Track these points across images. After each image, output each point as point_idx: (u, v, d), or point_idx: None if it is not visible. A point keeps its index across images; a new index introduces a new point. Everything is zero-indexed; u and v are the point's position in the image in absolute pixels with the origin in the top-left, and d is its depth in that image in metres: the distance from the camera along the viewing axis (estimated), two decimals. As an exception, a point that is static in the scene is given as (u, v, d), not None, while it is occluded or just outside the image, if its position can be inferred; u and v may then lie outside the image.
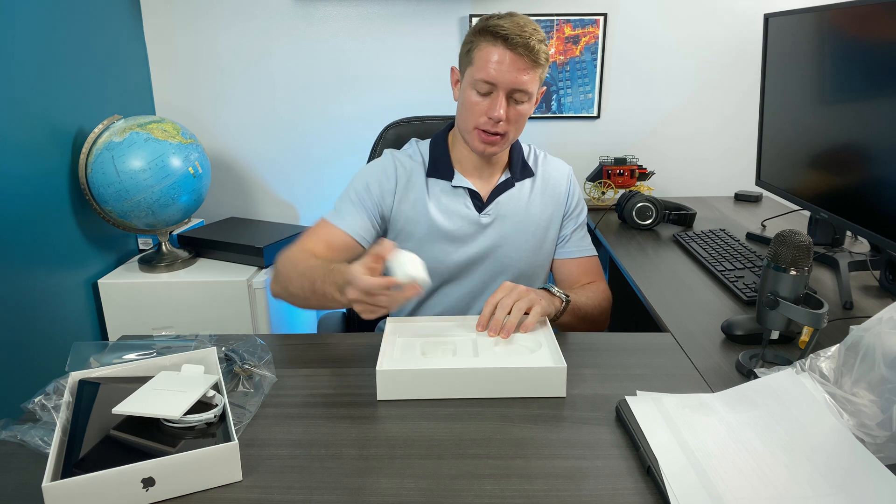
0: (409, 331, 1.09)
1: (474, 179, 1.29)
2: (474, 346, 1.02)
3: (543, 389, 0.93)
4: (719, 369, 1.01)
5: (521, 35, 1.10)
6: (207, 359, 0.94)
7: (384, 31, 2.15)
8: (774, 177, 1.64)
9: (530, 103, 1.18)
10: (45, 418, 0.84)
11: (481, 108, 1.16)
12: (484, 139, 1.19)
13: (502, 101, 1.14)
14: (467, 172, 1.29)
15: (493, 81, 1.13)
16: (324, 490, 0.74)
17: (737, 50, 2.17)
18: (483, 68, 1.13)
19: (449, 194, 1.28)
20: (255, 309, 1.87)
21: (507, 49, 1.11)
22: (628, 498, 0.72)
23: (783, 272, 0.91)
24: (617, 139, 2.27)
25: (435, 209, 1.28)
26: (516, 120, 1.18)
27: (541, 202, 1.32)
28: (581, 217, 1.36)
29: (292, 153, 2.28)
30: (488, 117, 1.15)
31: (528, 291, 1.08)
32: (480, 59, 1.14)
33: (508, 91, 1.14)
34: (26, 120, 1.59)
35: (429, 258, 1.27)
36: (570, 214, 1.35)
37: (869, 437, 0.75)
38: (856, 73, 1.27)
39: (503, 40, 1.11)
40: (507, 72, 1.12)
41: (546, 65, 1.17)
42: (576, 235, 1.35)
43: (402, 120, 1.61)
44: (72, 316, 1.76)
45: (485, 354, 0.99)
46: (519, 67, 1.12)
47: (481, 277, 1.31)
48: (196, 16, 2.13)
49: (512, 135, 1.20)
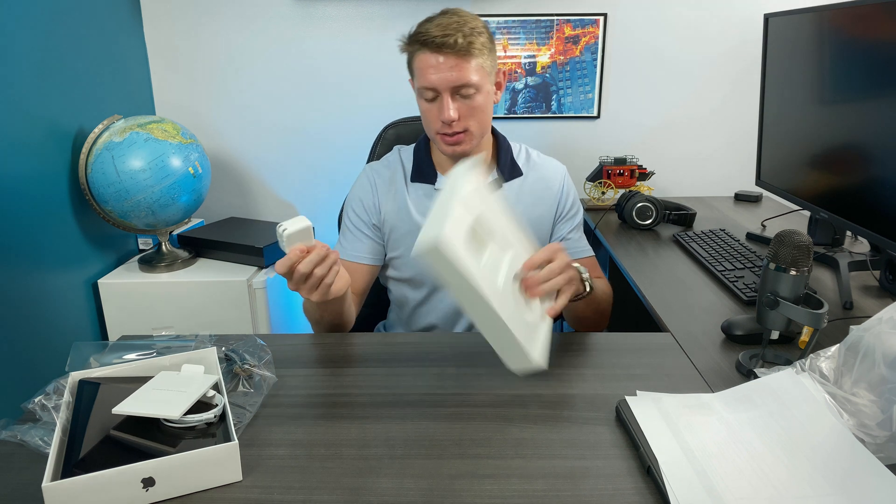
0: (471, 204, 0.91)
1: None
2: (509, 266, 0.92)
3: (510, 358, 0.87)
4: (719, 369, 1.01)
5: (444, 34, 1.10)
6: (207, 359, 0.94)
7: (384, 31, 2.15)
8: (774, 177, 1.64)
9: (482, 93, 1.16)
10: (45, 418, 0.84)
11: (434, 114, 1.17)
12: (448, 141, 1.19)
13: (448, 103, 1.14)
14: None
15: (432, 87, 1.14)
16: (324, 490, 0.74)
17: (737, 50, 2.17)
18: (421, 76, 1.15)
19: (432, 197, 1.27)
20: (255, 309, 1.87)
21: (434, 53, 1.12)
22: (628, 498, 0.72)
23: (783, 272, 0.91)
24: (617, 139, 2.27)
25: (417, 213, 1.27)
26: (471, 114, 1.17)
27: (530, 202, 1.30)
28: (577, 218, 1.35)
29: (292, 153, 2.28)
30: (441, 121, 1.16)
31: (570, 268, 1.02)
32: (418, 68, 1.16)
33: (451, 90, 1.14)
34: (26, 120, 1.59)
35: (417, 262, 1.28)
36: (566, 215, 1.33)
37: (869, 437, 0.75)
38: (856, 73, 1.27)
39: (428, 46, 1.12)
40: (441, 74, 1.12)
41: (483, 51, 1.15)
42: (573, 236, 1.34)
43: (402, 120, 1.61)
44: (72, 316, 1.76)
45: (506, 288, 0.89)
46: (451, 66, 1.12)
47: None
48: (196, 16, 2.13)
49: (475, 129, 1.19)
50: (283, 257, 0.95)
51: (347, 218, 1.32)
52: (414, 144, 1.34)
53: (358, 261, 1.29)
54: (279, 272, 0.95)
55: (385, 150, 1.55)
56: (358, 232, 1.30)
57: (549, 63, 2.18)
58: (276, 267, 0.95)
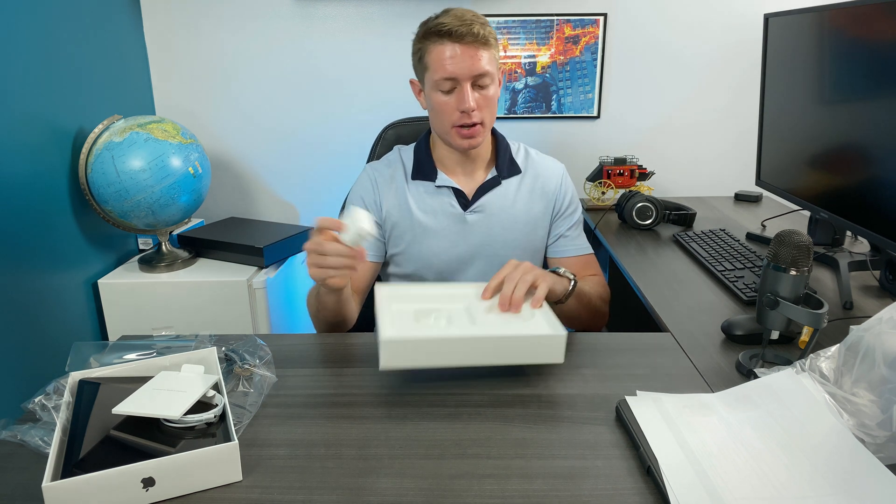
0: (403, 298, 1.07)
1: (458, 178, 1.31)
2: (469, 313, 1.02)
3: (544, 356, 0.94)
4: (719, 369, 1.01)
5: (464, 24, 1.14)
6: (207, 359, 0.94)
7: (384, 31, 2.15)
8: (774, 177, 1.64)
9: (494, 85, 1.20)
10: (45, 418, 0.84)
11: (451, 106, 1.19)
12: (464, 134, 1.21)
13: (468, 92, 1.16)
14: (451, 172, 1.31)
15: (453, 76, 1.16)
16: (324, 490, 0.74)
17: (737, 50, 2.17)
18: (440, 68, 1.16)
19: (433, 194, 1.30)
20: (255, 309, 1.87)
21: (455, 42, 1.14)
22: (628, 498, 0.72)
23: (783, 272, 0.91)
24: (617, 139, 2.27)
25: (418, 209, 1.30)
26: (487, 105, 1.20)
27: (529, 199, 1.32)
28: (576, 215, 1.36)
29: (292, 153, 2.28)
30: (461, 111, 1.18)
31: (534, 268, 1.07)
32: (434, 60, 1.17)
33: (471, 80, 1.17)
34: (26, 120, 1.59)
35: (418, 258, 1.31)
36: (563, 213, 1.35)
37: (869, 437, 0.75)
38: (856, 73, 1.27)
39: (448, 35, 1.14)
40: (463, 63, 1.15)
41: (496, 44, 1.20)
42: (571, 234, 1.35)
43: (401, 120, 1.62)
44: (72, 316, 1.76)
45: (482, 322, 0.99)
46: (472, 55, 1.15)
47: (474, 276, 1.32)
48: (196, 16, 2.13)
49: (487, 121, 1.22)
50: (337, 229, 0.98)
51: None
52: (414, 144, 1.36)
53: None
54: (321, 225, 0.98)
55: (385, 150, 1.56)
56: None
57: (549, 63, 2.18)
58: (319, 221, 0.98)
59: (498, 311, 1.03)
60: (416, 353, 0.91)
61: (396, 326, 0.96)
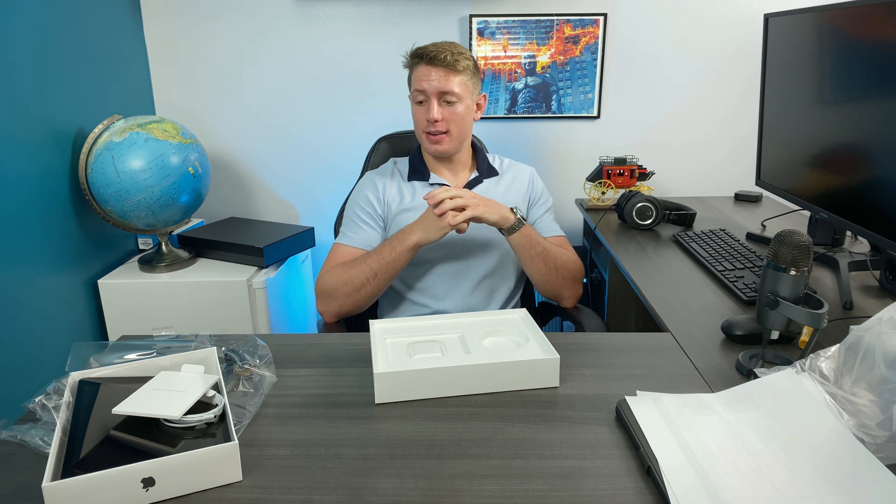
0: (396, 332, 1.09)
1: (447, 177, 1.51)
2: (462, 342, 1.04)
3: (539, 381, 0.95)
4: (719, 369, 1.01)
5: (438, 51, 1.36)
6: (207, 359, 0.94)
7: (384, 32, 2.15)
8: (774, 177, 1.64)
9: (462, 104, 1.39)
10: (46, 418, 0.84)
11: (422, 115, 1.41)
12: (431, 140, 1.42)
13: (434, 104, 1.38)
14: (440, 172, 1.51)
15: (422, 90, 1.39)
16: (324, 490, 0.74)
17: (737, 50, 2.17)
18: (416, 83, 1.40)
19: (427, 189, 1.48)
20: (255, 309, 1.87)
21: (428, 64, 1.38)
22: (628, 498, 0.72)
23: (783, 272, 0.91)
24: (617, 139, 2.27)
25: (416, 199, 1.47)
26: (453, 119, 1.40)
27: (506, 194, 1.50)
28: (547, 203, 1.55)
29: (292, 153, 2.28)
30: (427, 120, 1.39)
31: (477, 196, 1.30)
32: (414, 77, 1.41)
33: (437, 95, 1.37)
34: (26, 120, 1.59)
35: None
36: (536, 202, 1.54)
37: (869, 437, 0.75)
38: (856, 73, 1.27)
39: (424, 58, 1.38)
40: (431, 81, 1.37)
41: (468, 71, 1.39)
42: (545, 218, 1.53)
43: (394, 134, 1.75)
44: (72, 316, 1.76)
45: (476, 351, 1.00)
46: (440, 75, 1.37)
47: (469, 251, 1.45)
48: (196, 16, 2.13)
49: (455, 132, 1.41)
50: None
51: (353, 212, 1.47)
52: (408, 156, 1.55)
53: (362, 247, 1.42)
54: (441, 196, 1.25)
55: (379, 159, 1.69)
56: (364, 223, 1.45)
57: (549, 63, 2.18)
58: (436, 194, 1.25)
59: (493, 338, 1.06)
60: (410, 385, 0.92)
61: (390, 360, 0.98)
